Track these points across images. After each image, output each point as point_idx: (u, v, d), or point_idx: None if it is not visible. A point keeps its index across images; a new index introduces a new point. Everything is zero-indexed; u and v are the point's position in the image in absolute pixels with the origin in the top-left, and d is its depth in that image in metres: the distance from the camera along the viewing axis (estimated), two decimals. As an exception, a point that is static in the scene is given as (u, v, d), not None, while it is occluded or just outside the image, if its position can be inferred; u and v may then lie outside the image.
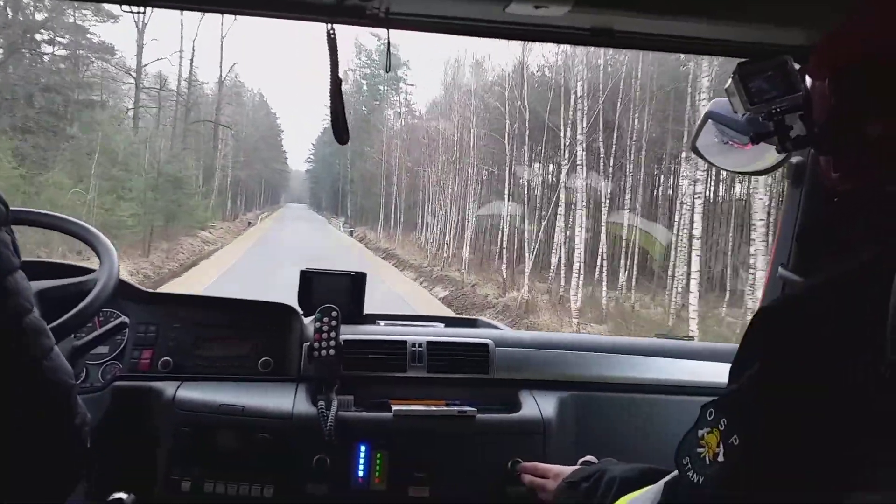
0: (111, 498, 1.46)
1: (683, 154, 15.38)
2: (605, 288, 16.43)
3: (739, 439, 0.76)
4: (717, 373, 1.46)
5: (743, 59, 1.20)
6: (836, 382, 0.69)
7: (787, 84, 1.11)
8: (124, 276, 1.62)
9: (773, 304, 0.83)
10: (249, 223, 43.59)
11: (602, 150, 18.20)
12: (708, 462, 0.79)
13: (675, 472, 0.88)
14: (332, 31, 1.28)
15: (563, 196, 18.35)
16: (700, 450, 0.80)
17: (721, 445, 0.77)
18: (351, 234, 44.98)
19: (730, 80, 1.19)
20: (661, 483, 0.94)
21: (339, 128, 1.31)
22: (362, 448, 1.60)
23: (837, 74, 0.85)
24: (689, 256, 13.65)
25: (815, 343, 0.73)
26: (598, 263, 17.07)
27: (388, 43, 1.44)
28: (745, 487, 0.76)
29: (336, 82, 1.30)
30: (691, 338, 2.17)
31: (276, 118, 75.12)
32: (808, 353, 0.73)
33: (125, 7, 1.31)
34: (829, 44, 0.89)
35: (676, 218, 15.82)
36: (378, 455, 1.60)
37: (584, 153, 16.75)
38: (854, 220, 0.84)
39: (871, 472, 0.65)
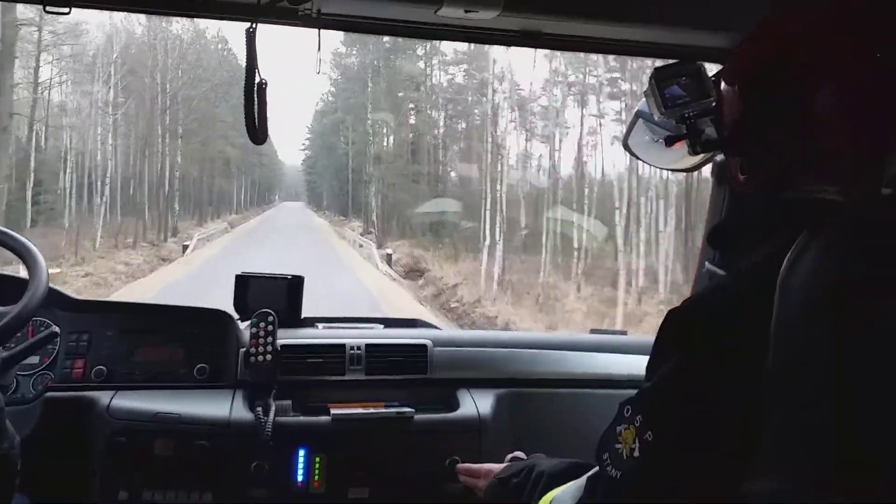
0: None
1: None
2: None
3: (653, 435, 0.79)
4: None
5: (661, 63, 1.25)
6: (738, 377, 0.73)
7: (700, 90, 1.17)
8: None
9: (681, 305, 0.86)
10: (185, 247, 23.06)
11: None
12: (625, 457, 0.82)
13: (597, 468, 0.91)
14: (251, 29, 1.27)
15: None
16: (618, 445, 0.84)
17: (637, 441, 0.81)
18: (389, 261, 20.73)
19: (647, 84, 1.24)
20: (584, 478, 0.97)
21: (254, 129, 1.30)
22: (301, 452, 1.60)
23: (746, 80, 0.89)
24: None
25: (718, 339, 0.77)
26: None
27: (319, 43, 1.43)
28: (658, 480, 0.80)
29: (251, 82, 1.28)
30: (625, 332, 2.22)
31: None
32: (712, 349, 0.77)
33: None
34: (741, 51, 0.94)
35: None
36: (317, 459, 1.60)
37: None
38: (755, 221, 0.89)
39: (766, 461, 0.69)
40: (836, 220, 0.73)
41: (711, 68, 1.25)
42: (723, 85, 0.97)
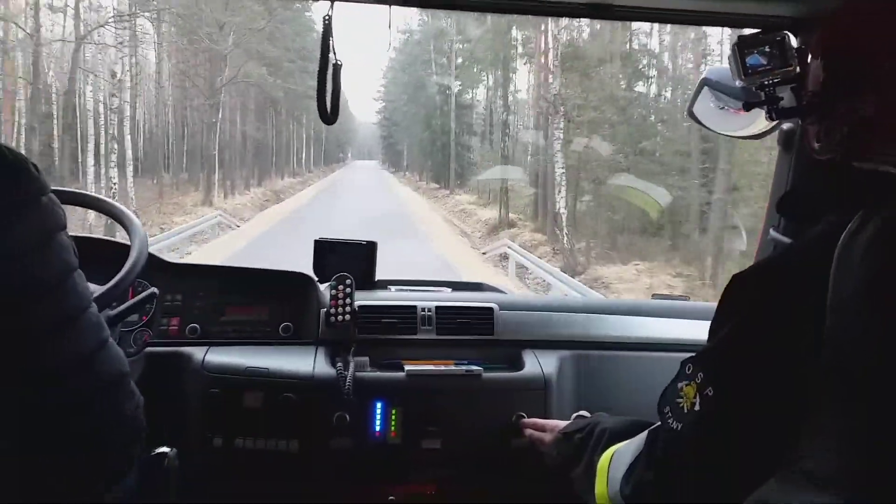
0: (156, 452, 1.57)
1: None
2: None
3: (714, 391, 0.86)
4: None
5: (742, 31, 1.26)
6: (795, 341, 0.78)
7: (782, 58, 1.18)
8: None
9: (744, 271, 0.92)
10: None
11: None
12: (686, 411, 0.89)
13: (659, 422, 0.98)
14: (328, 17, 1.34)
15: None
16: (679, 400, 0.91)
17: (698, 396, 0.88)
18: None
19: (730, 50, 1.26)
20: (645, 432, 1.04)
21: (325, 109, 1.38)
22: (378, 405, 1.72)
23: (831, 50, 0.92)
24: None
25: (777, 305, 0.82)
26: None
27: (391, 22, 1.49)
28: (717, 432, 0.86)
29: (325, 66, 1.36)
30: (687, 298, 2.25)
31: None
32: (772, 315, 0.83)
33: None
34: (828, 21, 0.96)
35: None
36: (393, 411, 1.72)
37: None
38: (825, 190, 0.92)
39: (820, 423, 0.74)
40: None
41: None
42: (809, 54, 0.99)
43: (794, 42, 1.24)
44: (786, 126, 1.61)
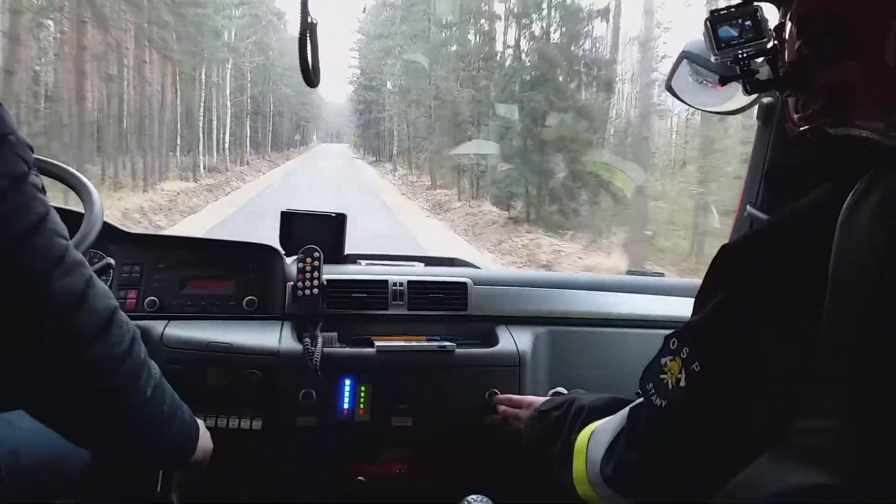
0: None
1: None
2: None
3: (700, 366, 0.83)
4: (686, 307, 1.53)
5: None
6: (788, 313, 0.75)
7: (755, 31, 1.15)
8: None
9: (733, 241, 0.89)
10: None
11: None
12: (670, 387, 0.86)
13: (640, 399, 0.94)
14: None
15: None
16: (663, 376, 0.87)
17: (683, 371, 0.84)
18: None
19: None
20: (626, 409, 1.01)
21: (308, 72, 1.31)
22: (347, 382, 1.67)
23: (806, 19, 0.89)
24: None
25: (770, 276, 0.79)
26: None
27: None
28: (704, 409, 0.83)
29: (305, 24, 1.29)
30: (662, 274, 2.24)
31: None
32: (763, 286, 0.79)
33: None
34: None
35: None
36: (362, 388, 1.67)
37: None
38: (811, 160, 0.90)
39: (817, 399, 0.71)
40: None
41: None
42: (787, 25, 0.96)
43: (775, 12, 1.21)
44: (765, 100, 1.59)
